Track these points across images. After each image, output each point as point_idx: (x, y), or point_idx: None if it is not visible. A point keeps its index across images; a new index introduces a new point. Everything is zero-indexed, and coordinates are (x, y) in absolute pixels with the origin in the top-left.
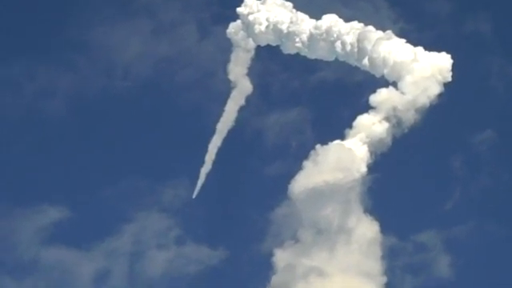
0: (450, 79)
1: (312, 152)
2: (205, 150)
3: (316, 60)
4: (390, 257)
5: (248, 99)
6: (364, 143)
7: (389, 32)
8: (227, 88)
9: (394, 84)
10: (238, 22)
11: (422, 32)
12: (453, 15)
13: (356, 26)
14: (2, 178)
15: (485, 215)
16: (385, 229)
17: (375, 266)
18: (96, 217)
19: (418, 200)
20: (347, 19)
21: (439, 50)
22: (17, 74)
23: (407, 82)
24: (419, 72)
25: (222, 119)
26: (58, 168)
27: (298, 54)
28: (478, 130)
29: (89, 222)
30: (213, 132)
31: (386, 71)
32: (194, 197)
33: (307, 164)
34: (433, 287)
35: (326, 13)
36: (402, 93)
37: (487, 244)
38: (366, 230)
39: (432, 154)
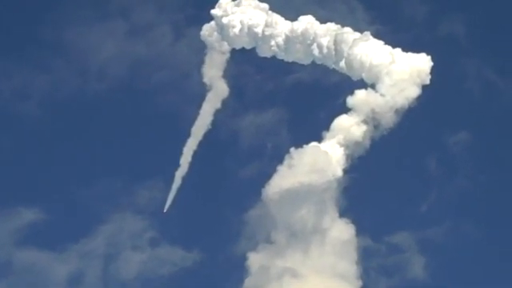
0: (428, 81)
1: (287, 154)
2: (180, 152)
3: (292, 63)
4: (365, 258)
5: (224, 102)
6: (341, 145)
7: (367, 33)
8: (202, 89)
9: (372, 86)
10: (212, 23)
11: (397, 34)
12: (428, 18)
13: (332, 27)
14: None
15: (460, 216)
16: (359, 230)
17: (350, 267)
18: (70, 218)
19: (393, 201)
20: (323, 20)
21: (415, 52)
22: None
23: (386, 84)
24: (398, 74)
25: (198, 122)
26: (32, 169)
27: (274, 57)
28: (454, 131)
29: (63, 223)
30: (188, 134)
31: (364, 74)
32: (164, 211)
33: (282, 166)
34: None
35: (301, 14)
36: (381, 95)
37: (462, 245)
38: (341, 231)
39: (408, 155)
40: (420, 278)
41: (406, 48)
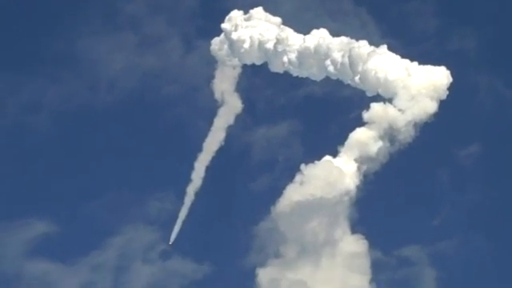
0: (445, 96)
1: (299, 169)
2: (190, 164)
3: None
4: (376, 271)
5: (237, 117)
6: (356, 161)
7: (383, 47)
8: (212, 103)
9: (389, 100)
10: (222, 36)
11: (409, 47)
12: (439, 31)
13: (345, 41)
14: None
15: (471, 230)
16: (370, 243)
17: (360, 280)
18: (81, 230)
19: (404, 215)
20: (335, 34)
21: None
22: (1, 88)
23: (403, 98)
24: (415, 88)
25: (210, 137)
26: (43, 181)
27: (286, 73)
28: (465, 144)
29: (74, 235)
30: (198, 146)
31: (380, 89)
32: (170, 243)
33: (294, 180)
34: None
35: (313, 27)
36: (399, 110)
37: (473, 258)
38: (352, 244)
39: (419, 168)
40: None
41: (419, 61)
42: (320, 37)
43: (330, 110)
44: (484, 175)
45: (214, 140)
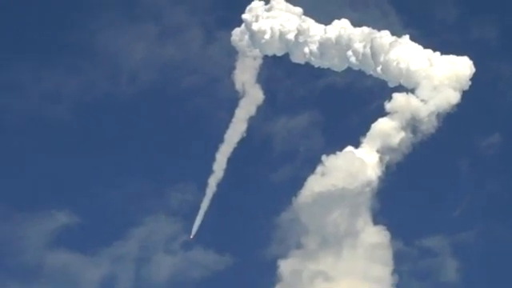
0: (468, 86)
1: (320, 158)
2: (212, 155)
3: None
4: (397, 262)
5: (258, 108)
6: (378, 151)
7: (405, 37)
8: (233, 94)
9: (412, 91)
10: (242, 27)
11: (430, 37)
12: (460, 21)
13: (366, 31)
14: (8, 182)
15: (493, 220)
16: (392, 234)
17: (382, 270)
18: (103, 221)
19: (426, 205)
20: (356, 24)
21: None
22: (22, 78)
23: (426, 89)
24: (438, 79)
25: (231, 128)
26: (64, 172)
27: (307, 63)
28: (486, 134)
29: (96, 226)
30: (219, 137)
31: (402, 80)
32: (191, 237)
33: (315, 170)
34: None
35: (335, 17)
36: (422, 100)
37: (495, 248)
38: (373, 235)
39: (441, 158)
40: (452, 281)
41: (441, 52)
42: (341, 27)
43: (352, 100)
44: (505, 165)
45: (236, 131)
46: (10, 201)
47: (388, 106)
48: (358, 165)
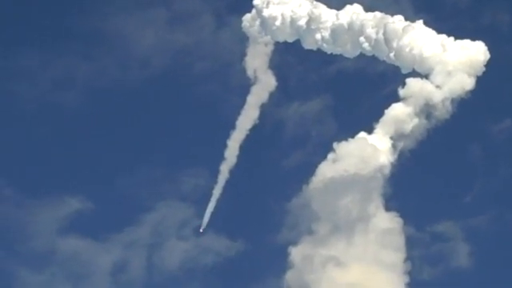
0: (482, 72)
1: (332, 144)
2: (223, 140)
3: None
4: (409, 247)
5: (271, 94)
6: (390, 137)
7: (419, 22)
8: (245, 80)
9: (426, 76)
10: (253, 12)
11: (441, 22)
12: (472, 6)
13: (378, 16)
14: (21, 169)
15: (504, 205)
16: (404, 219)
17: (394, 256)
18: (115, 207)
19: (438, 190)
20: (368, 9)
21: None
22: (33, 65)
23: (440, 74)
24: (452, 64)
25: (243, 115)
26: (76, 158)
27: (319, 50)
28: (498, 119)
29: (108, 212)
30: (230, 123)
31: (415, 66)
32: (201, 230)
33: (328, 156)
34: (452, 277)
35: (347, 2)
36: (436, 86)
37: (506, 233)
38: (385, 220)
39: (453, 144)
40: (464, 266)
41: (455, 37)
42: (353, 12)
43: (364, 86)
44: None
45: (248, 118)
46: (23, 187)
47: (402, 91)
48: (371, 151)
